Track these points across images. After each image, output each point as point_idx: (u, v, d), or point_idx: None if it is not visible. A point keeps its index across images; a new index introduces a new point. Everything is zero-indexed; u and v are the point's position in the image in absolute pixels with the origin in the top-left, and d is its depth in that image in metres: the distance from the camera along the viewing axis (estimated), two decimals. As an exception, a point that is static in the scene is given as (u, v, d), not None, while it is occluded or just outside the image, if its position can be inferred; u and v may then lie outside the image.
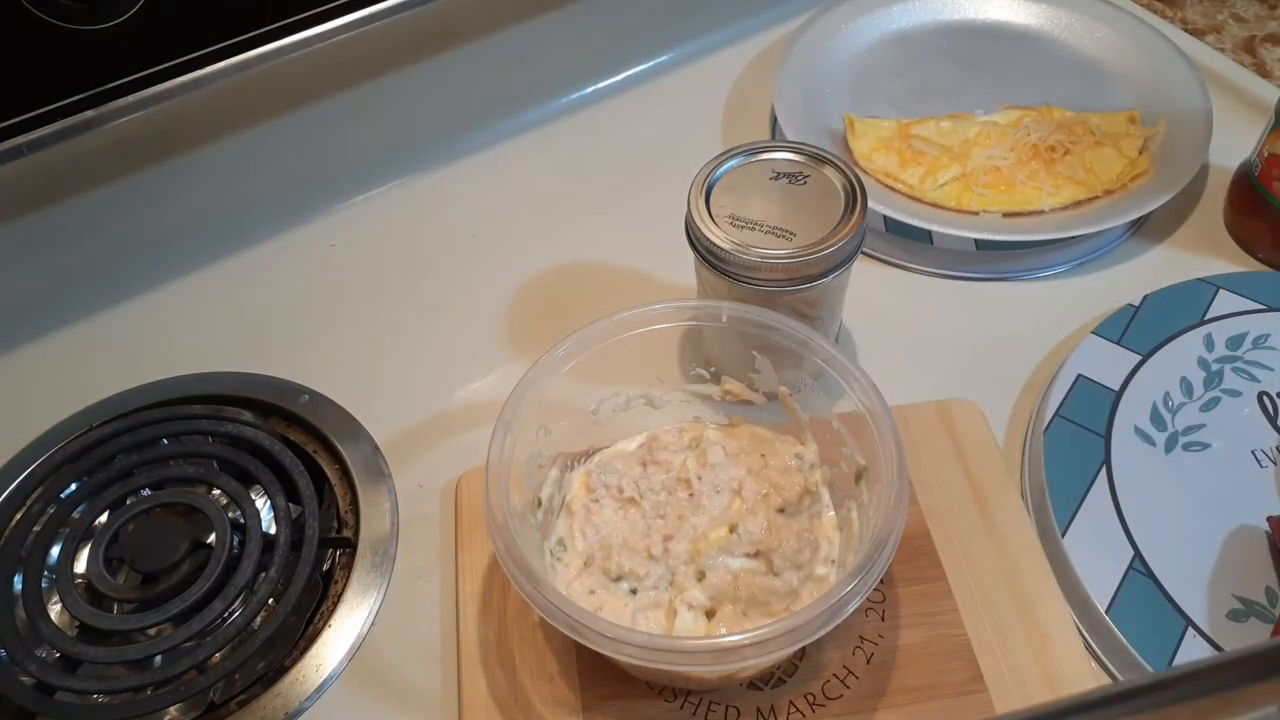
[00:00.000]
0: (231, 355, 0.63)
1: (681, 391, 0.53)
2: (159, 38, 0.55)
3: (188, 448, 0.56)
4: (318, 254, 0.69)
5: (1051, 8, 0.78)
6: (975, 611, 0.48)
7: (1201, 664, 0.22)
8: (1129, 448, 0.53)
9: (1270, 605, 0.47)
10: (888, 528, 0.40)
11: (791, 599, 0.45)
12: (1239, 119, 0.72)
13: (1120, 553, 0.49)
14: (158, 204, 0.66)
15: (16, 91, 0.53)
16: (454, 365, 0.62)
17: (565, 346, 0.47)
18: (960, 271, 0.65)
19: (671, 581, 0.45)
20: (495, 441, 0.44)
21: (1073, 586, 0.48)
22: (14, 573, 0.51)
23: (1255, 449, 0.53)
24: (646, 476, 0.48)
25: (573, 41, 0.76)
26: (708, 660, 0.39)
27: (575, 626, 0.39)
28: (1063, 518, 0.50)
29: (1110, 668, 0.47)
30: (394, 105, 0.71)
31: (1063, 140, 0.68)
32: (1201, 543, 0.49)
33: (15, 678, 0.48)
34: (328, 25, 0.60)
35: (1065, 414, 0.54)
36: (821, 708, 0.45)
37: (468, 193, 0.73)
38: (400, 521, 0.54)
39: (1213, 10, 0.89)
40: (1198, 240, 0.66)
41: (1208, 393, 0.55)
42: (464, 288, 0.66)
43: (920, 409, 0.55)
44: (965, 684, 0.46)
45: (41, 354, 0.64)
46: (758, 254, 0.49)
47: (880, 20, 0.79)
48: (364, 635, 0.50)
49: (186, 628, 0.48)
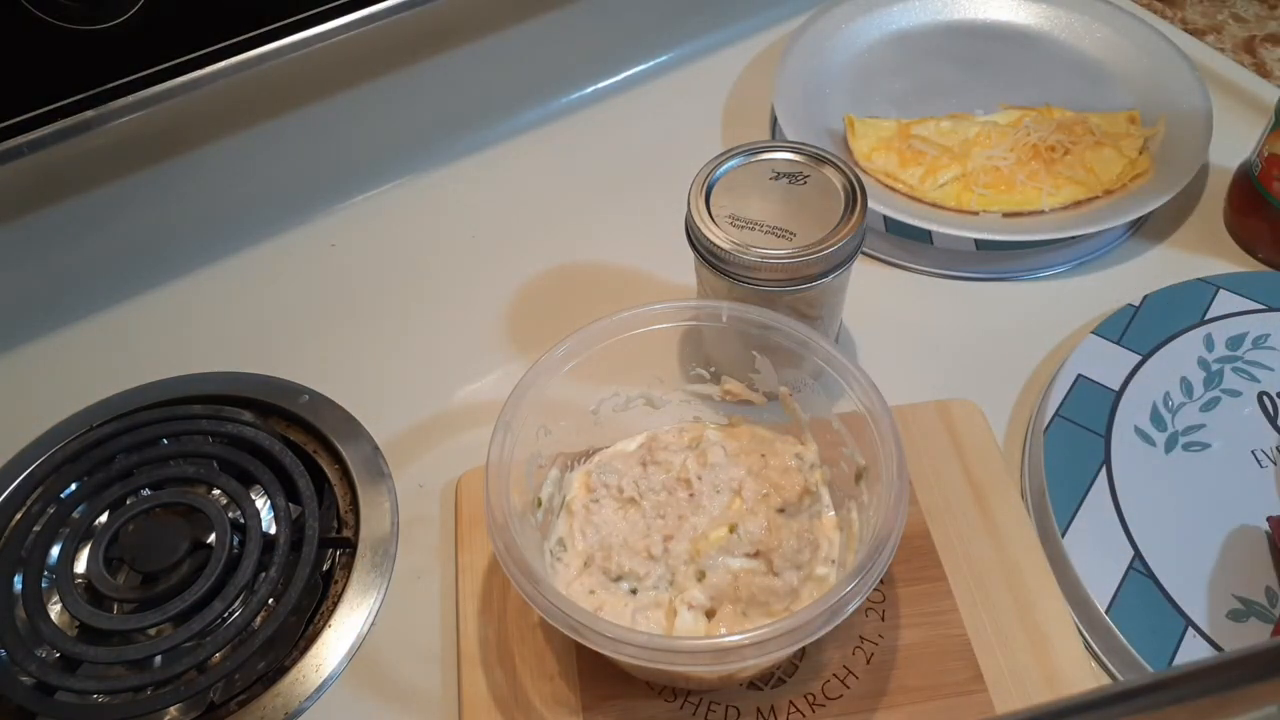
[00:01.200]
0: (231, 355, 0.63)
1: (681, 391, 0.53)
2: (159, 38, 0.55)
3: (188, 448, 0.56)
4: (318, 254, 0.69)
5: (1051, 8, 0.78)
6: (975, 611, 0.48)
7: (1201, 664, 0.22)
8: (1129, 448, 0.53)
9: (1270, 605, 0.47)
10: (888, 528, 0.40)
11: (791, 599, 0.45)
12: (1239, 119, 0.72)
13: (1120, 553, 0.49)
14: (158, 204, 0.66)
15: (17, 91, 0.53)
16: (454, 365, 0.62)
17: (565, 346, 0.47)
18: (960, 271, 0.65)
19: (671, 581, 0.45)
20: (495, 441, 0.44)
21: (1073, 586, 0.48)
22: (14, 573, 0.52)
23: (1255, 449, 0.53)
24: (646, 476, 0.48)
25: (573, 41, 0.76)
26: (708, 660, 0.39)
27: (575, 626, 0.39)
28: (1063, 518, 0.50)
29: (1110, 668, 0.47)
30: (394, 105, 0.71)
31: (1063, 140, 0.68)
32: (1201, 543, 0.49)
33: (15, 678, 0.48)
34: (328, 25, 0.60)
35: (1065, 414, 0.54)
36: (821, 708, 0.45)
37: (468, 193, 0.73)
38: (400, 521, 0.54)
39: (1213, 10, 0.89)
40: (1198, 240, 0.66)
41: (1208, 393, 0.55)
42: (464, 288, 0.66)
43: (920, 409, 0.55)
44: (965, 684, 0.46)
45: (41, 354, 0.64)
46: (758, 254, 0.49)
47: (880, 20, 0.79)
48: (364, 635, 0.50)
49: (186, 628, 0.48)
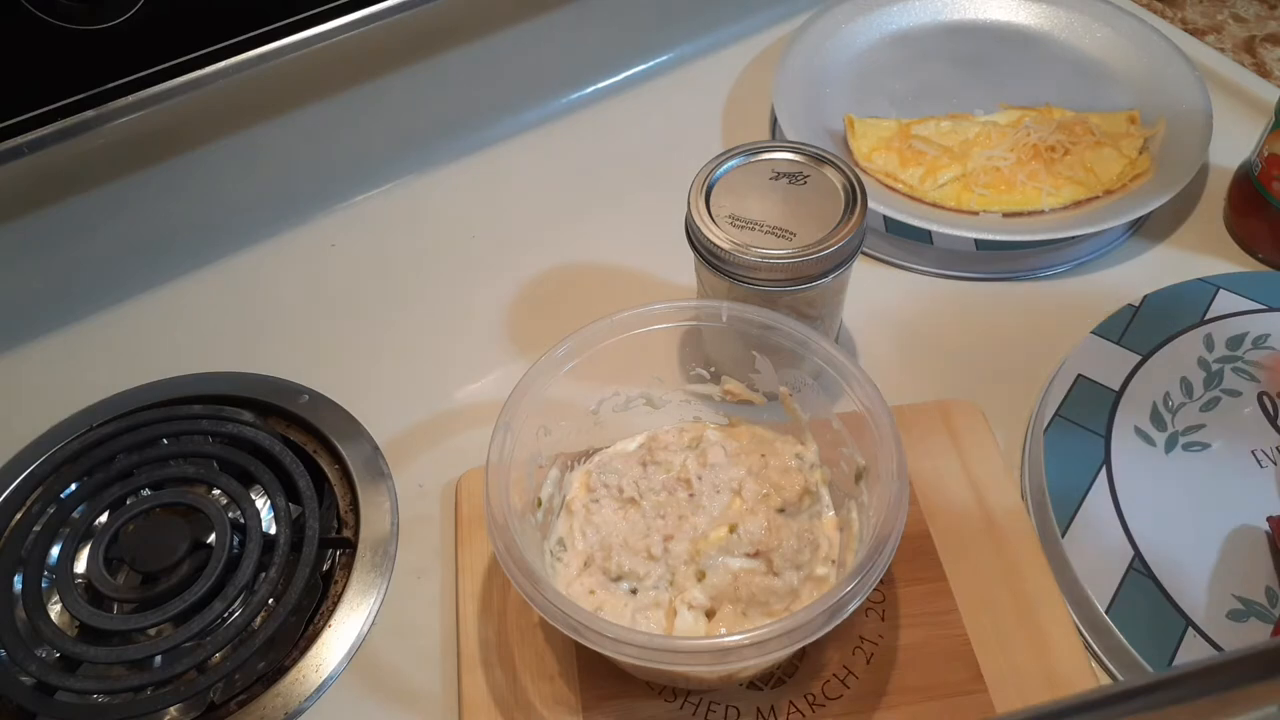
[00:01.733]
0: (231, 355, 0.63)
1: (681, 391, 0.53)
2: (159, 38, 0.55)
3: (188, 448, 0.56)
4: (318, 254, 0.69)
5: (1051, 8, 0.78)
6: (975, 611, 0.48)
7: (1201, 664, 0.22)
8: (1129, 448, 0.53)
9: (1270, 605, 0.47)
10: (888, 528, 0.40)
11: (791, 599, 0.45)
12: (1239, 119, 0.72)
13: (1120, 553, 0.49)
14: (158, 204, 0.66)
15: (17, 91, 0.53)
16: (454, 365, 0.62)
17: (565, 346, 0.47)
18: (960, 271, 0.65)
19: (671, 581, 0.45)
20: (495, 441, 0.44)
21: (1073, 586, 0.48)
22: (14, 573, 0.52)
23: (1255, 449, 0.53)
24: (646, 476, 0.48)
25: (573, 41, 0.76)
26: (708, 660, 0.39)
27: (575, 626, 0.39)
28: (1063, 518, 0.50)
29: (1110, 668, 0.47)
30: (394, 105, 0.71)
31: (1063, 140, 0.68)
32: (1201, 543, 0.49)
33: (15, 678, 0.48)
34: (327, 25, 0.60)
35: (1065, 414, 0.54)
36: (821, 708, 0.45)
37: (468, 193, 0.73)
38: (400, 521, 0.54)
39: (1213, 10, 0.89)
40: (1198, 240, 0.66)
41: (1208, 393, 0.55)
42: (464, 288, 0.66)
43: (920, 409, 0.55)
44: (965, 684, 0.46)
45: (41, 354, 0.64)
46: (758, 254, 0.49)
47: (880, 20, 0.79)
48: (364, 635, 0.50)
49: (186, 628, 0.48)
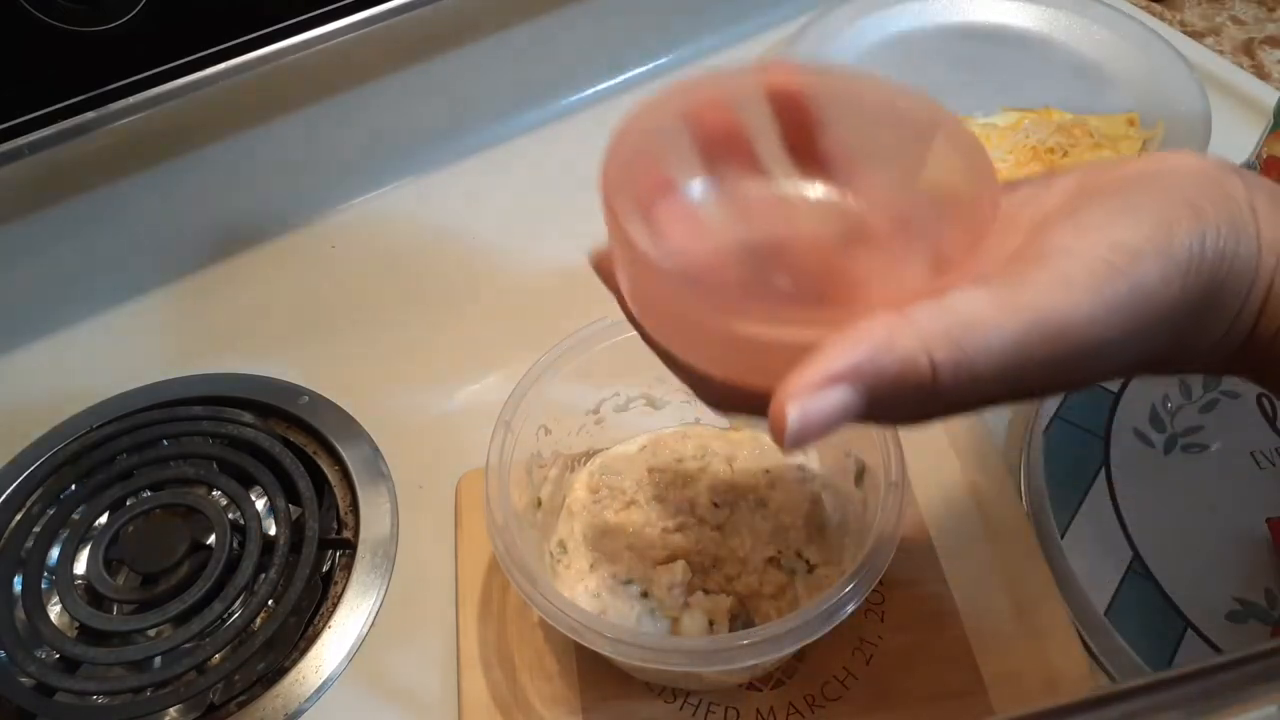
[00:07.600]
0: (231, 355, 0.63)
1: (682, 392, 0.52)
2: (160, 39, 0.55)
3: (188, 449, 0.56)
4: (318, 255, 0.69)
5: (1051, 10, 0.78)
6: (974, 612, 0.48)
7: (1201, 664, 0.22)
8: (1128, 449, 0.53)
9: (1270, 606, 0.47)
10: (887, 529, 0.40)
11: (791, 599, 0.45)
12: (1238, 121, 0.72)
13: (1119, 554, 0.49)
14: (158, 204, 0.66)
15: (17, 93, 0.53)
16: (454, 365, 0.62)
17: (565, 346, 0.47)
18: (960, 273, 0.65)
19: (673, 584, 0.45)
20: (495, 441, 0.44)
21: (1072, 588, 0.48)
22: (14, 573, 0.52)
23: (1255, 450, 0.52)
24: (648, 479, 0.48)
25: (573, 42, 0.76)
26: (707, 661, 0.39)
27: (574, 627, 0.39)
28: (1062, 519, 0.50)
29: (1109, 668, 0.47)
30: (394, 105, 0.71)
31: (1062, 143, 0.68)
32: (1201, 544, 0.49)
33: (15, 678, 0.48)
34: (328, 27, 0.60)
35: (1065, 415, 0.54)
36: (821, 709, 0.45)
37: (468, 194, 0.73)
38: (400, 522, 0.54)
39: (1211, 13, 0.89)
40: (1197, 242, 0.66)
41: (1207, 394, 0.55)
42: (464, 288, 0.66)
43: (920, 410, 0.55)
44: (964, 685, 0.46)
45: (41, 354, 0.64)
46: (758, 255, 0.48)
47: (880, 23, 0.79)
48: (364, 636, 0.50)
49: (186, 629, 0.48)
